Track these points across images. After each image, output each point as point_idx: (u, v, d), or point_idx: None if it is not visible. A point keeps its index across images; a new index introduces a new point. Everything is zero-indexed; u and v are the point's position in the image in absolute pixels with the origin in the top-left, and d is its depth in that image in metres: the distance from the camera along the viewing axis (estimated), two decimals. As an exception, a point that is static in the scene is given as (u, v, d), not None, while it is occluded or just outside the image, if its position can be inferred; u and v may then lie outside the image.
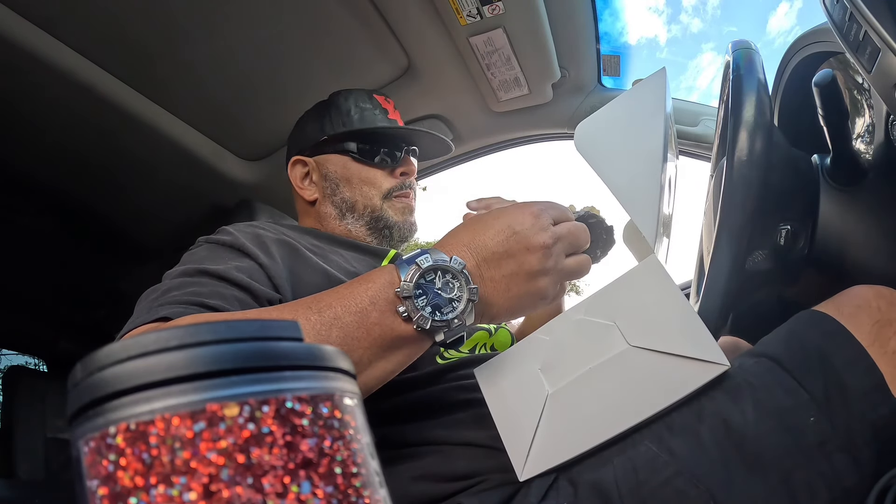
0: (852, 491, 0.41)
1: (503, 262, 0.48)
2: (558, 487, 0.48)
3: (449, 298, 0.45)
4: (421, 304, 0.44)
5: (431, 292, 0.45)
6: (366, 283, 0.46)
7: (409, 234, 0.87)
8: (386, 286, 0.45)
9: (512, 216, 0.49)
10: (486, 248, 0.48)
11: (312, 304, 0.45)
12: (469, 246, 0.48)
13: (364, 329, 0.44)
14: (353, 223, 0.84)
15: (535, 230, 0.48)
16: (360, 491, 0.16)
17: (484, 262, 0.48)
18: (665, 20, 33.99)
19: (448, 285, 0.45)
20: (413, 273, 0.44)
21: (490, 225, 0.49)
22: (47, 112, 1.07)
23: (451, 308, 0.45)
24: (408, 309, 0.44)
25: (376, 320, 0.44)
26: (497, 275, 0.48)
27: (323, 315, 0.44)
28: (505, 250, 0.48)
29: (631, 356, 0.48)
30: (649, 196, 0.52)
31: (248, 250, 0.63)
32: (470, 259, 0.47)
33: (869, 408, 0.42)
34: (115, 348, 0.16)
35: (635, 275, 0.51)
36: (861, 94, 0.60)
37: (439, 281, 0.45)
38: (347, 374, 0.19)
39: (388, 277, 0.46)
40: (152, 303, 0.54)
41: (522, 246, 0.48)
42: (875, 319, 0.46)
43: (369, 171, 0.85)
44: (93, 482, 0.15)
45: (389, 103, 0.91)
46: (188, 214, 1.44)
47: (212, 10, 0.98)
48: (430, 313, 0.44)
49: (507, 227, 0.48)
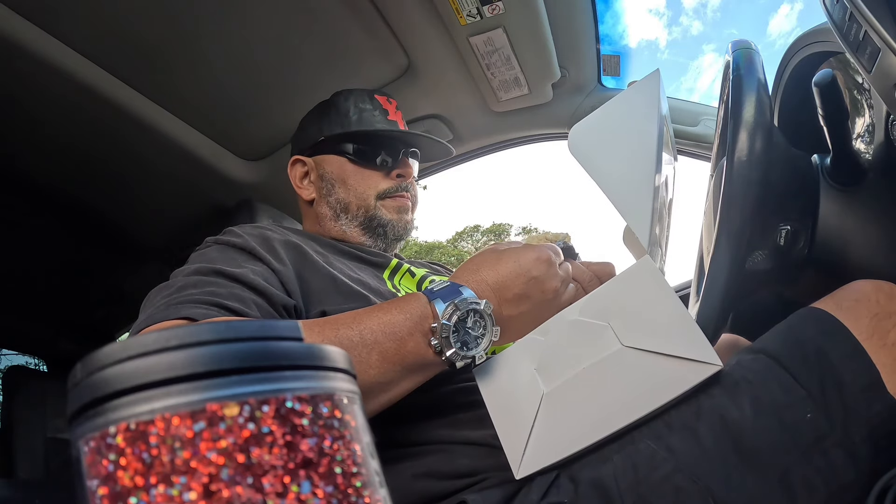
0: (849, 487, 0.41)
1: (521, 303, 0.54)
2: (559, 485, 0.48)
3: (475, 336, 0.51)
4: (453, 341, 0.49)
5: (463, 330, 0.50)
6: (403, 313, 0.51)
7: (403, 232, 0.86)
8: (422, 319, 0.51)
9: (529, 261, 0.55)
10: (508, 290, 0.54)
11: (353, 325, 0.50)
12: (493, 287, 0.54)
13: (400, 356, 0.49)
14: (348, 224, 0.84)
15: (550, 276, 0.55)
16: (360, 491, 0.16)
17: (505, 303, 0.54)
18: (665, 22, 34.00)
19: (477, 324, 0.51)
20: (450, 312, 0.50)
21: (509, 268, 0.55)
22: (47, 112, 1.07)
23: (476, 345, 0.51)
24: (441, 344, 0.49)
25: (412, 349, 0.50)
26: (515, 312, 0.55)
27: (364, 337, 0.49)
28: (524, 293, 0.54)
29: (624, 356, 0.49)
30: (643, 199, 0.52)
31: (259, 254, 0.63)
32: (493, 300, 0.54)
33: (865, 404, 0.42)
34: (115, 348, 0.16)
35: (629, 276, 0.51)
36: (861, 94, 0.60)
37: (470, 321, 0.51)
38: (347, 374, 0.19)
39: (422, 311, 0.51)
40: (169, 300, 0.53)
41: (539, 290, 0.55)
42: (874, 312, 0.46)
43: (365, 173, 0.85)
44: (93, 482, 0.15)
45: (391, 104, 0.91)
46: (188, 214, 1.44)
47: (212, 10, 0.98)
48: (459, 348, 0.50)
49: (526, 271, 0.55)
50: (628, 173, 0.54)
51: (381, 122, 0.87)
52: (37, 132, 1.12)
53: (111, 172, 1.27)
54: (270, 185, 1.37)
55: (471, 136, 1.41)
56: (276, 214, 1.38)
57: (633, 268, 0.51)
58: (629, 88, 0.58)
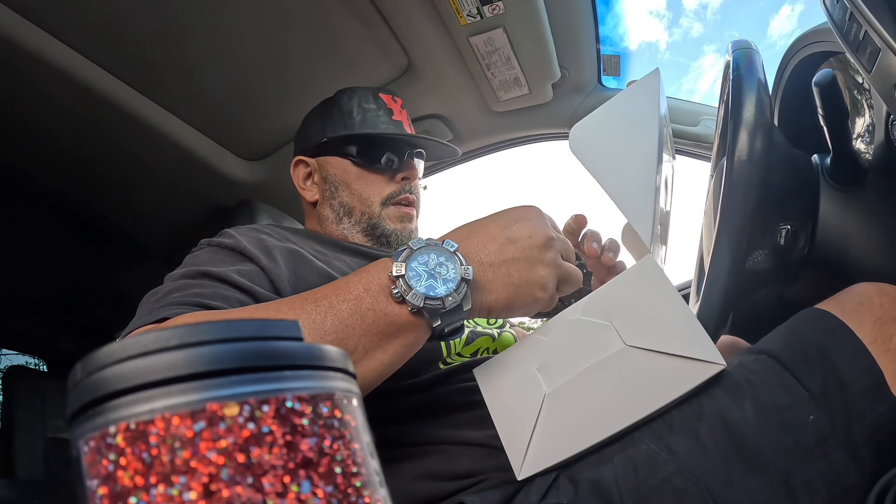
0: (851, 489, 0.41)
1: (505, 248, 0.48)
2: (559, 486, 0.48)
3: (443, 279, 0.45)
4: (413, 283, 0.44)
5: (424, 273, 0.45)
6: (361, 273, 0.47)
7: (407, 241, 0.86)
8: (380, 271, 0.46)
9: (514, 210, 0.51)
10: (486, 234, 0.49)
11: (308, 296, 0.46)
12: (467, 234, 0.49)
13: (358, 315, 0.44)
14: (350, 228, 0.83)
15: (538, 223, 0.50)
16: (360, 491, 0.16)
17: (483, 248, 0.48)
18: (666, 24, 34.03)
19: (442, 267, 0.46)
20: (406, 254, 0.45)
21: (493, 218, 0.51)
22: (47, 112, 1.07)
23: (445, 288, 0.45)
24: (400, 289, 0.44)
25: (370, 305, 0.44)
26: (498, 258, 0.48)
27: (318, 305, 0.44)
28: (507, 237, 0.48)
29: (627, 356, 0.48)
30: (645, 197, 0.52)
31: (249, 254, 0.63)
32: (468, 244, 0.48)
33: (868, 406, 0.42)
34: (115, 348, 0.16)
35: (632, 275, 0.51)
36: (861, 94, 0.60)
37: (432, 261, 0.46)
38: (347, 374, 0.19)
39: (382, 265, 0.47)
40: (154, 304, 0.54)
41: (525, 233, 0.49)
42: (877, 316, 0.45)
43: (369, 176, 0.84)
44: (93, 482, 0.15)
45: (396, 102, 0.89)
46: (188, 214, 1.44)
47: (212, 9, 0.97)
48: (422, 290, 0.44)
49: (510, 218, 0.50)
50: (629, 172, 0.54)
51: (386, 122, 0.86)
52: (37, 132, 1.12)
53: (111, 172, 1.27)
54: (270, 184, 1.37)
55: (471, 135, 1.41)
56: (276, 214, 1.38)
57: (635, 266, 0.51)
58: (629, 87, 0.58)
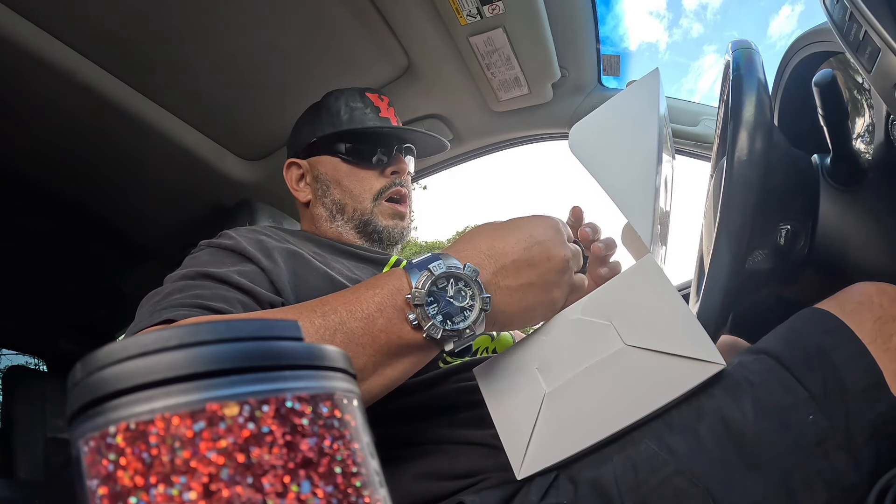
0: (851, 489, 0.41)
1: (523, 271, 0.47)
2: (558, 485, 0.48)
3: (461, 307, 0.44)
4: (432, 313, 0.43)
5: (443, 300, 0.43)
6: (373, 289, 0.45)
7: (399, 238, 0.86)
8: (394, 292, 0.44)
9: (533, 226, 0.49)
10: (506, 256, 0.47)
11: (317, 308, 0.44)
12: (487, 253, 0.47)
13: (370, 336, 0.43)
14: (343, 225, 0.84)
15: (557, 243, 0.49)
16: (360, 490, 0.16)
17: (502, 270, 0.47)
18: (666, 24, 34.00)
19: (460, 293, 0.44)
20: (425, 280, 0.43)
21: (510, 233, 0.48)
22: (47, 112, 1.07)
23: (462, 317, 0.44)
24: (418, 317, 0.43)
25: (383, 327, 0.43)
26: (515, 283, 0.47)
27: (327, 319, 0.43)
28: (526, 259, 0.47)
29: (626, 355, 0.48)
30: (645, 197, 0.52)
31: (249, 254, 0.63)
32: (488, 266, 0.46)
33: (868, 405, 0.42)
34: (115, 348, 0.16)
35: (632, 275, 0.51)
36: (861, 94, 0.60)
37: (451, 289, 0.44)
38: (347, 374, 0.19)
39: (396, 283, 0.44)
40: (155, 306, 0.54)
41: (544, 256, 0.48)
42: (877, 316, 0.45)
43: (359, 173, 0.85)
44: (93, 482, 0.15)
45: (383, 101, 0.90)
46: (188, 214, 1.44)
47: (212, 10, 0.98)
48: (441, 322, 0.43)
49: (528, 236, 0.48)
50: (629, 171, 0.54)
51: (373, 119, 0.87)
52: (36, 132, 1.12)
53: (111, 172, 1.27)
54: (270, 185, 1.37)
55: (471, 135, 1.41)
56: (275, 214, 1.38)
57: (635, 266, 0.51)
58: (629, 87, 0.58)
